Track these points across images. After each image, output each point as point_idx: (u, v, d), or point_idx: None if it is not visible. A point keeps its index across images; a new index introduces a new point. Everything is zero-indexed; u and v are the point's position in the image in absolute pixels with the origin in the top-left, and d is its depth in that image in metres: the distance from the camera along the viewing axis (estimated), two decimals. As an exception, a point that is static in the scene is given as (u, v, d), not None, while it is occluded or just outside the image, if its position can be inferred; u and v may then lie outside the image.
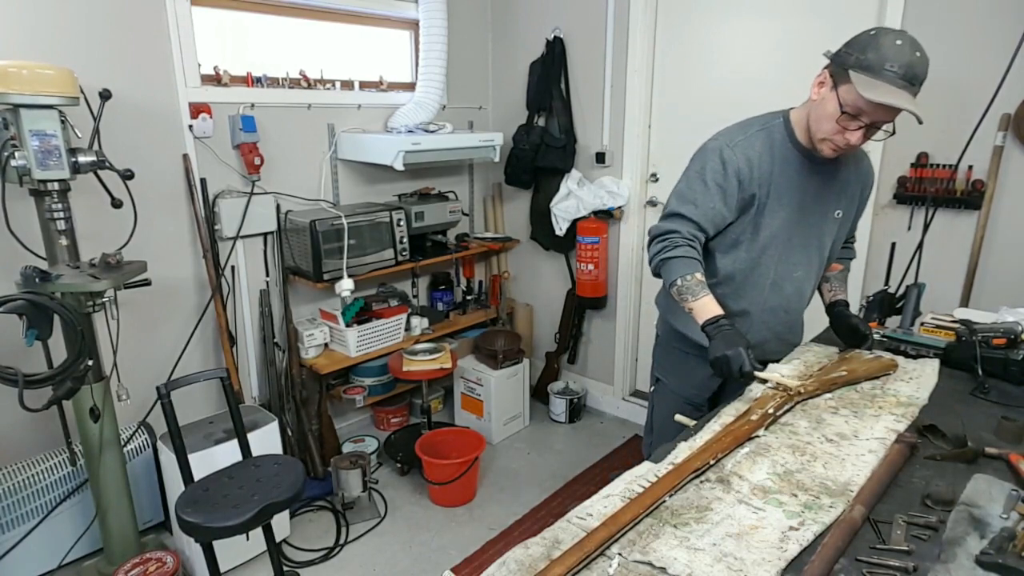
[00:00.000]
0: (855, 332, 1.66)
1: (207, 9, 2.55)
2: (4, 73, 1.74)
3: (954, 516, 0.97)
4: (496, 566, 0.90)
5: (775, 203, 1.51)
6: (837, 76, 1.36)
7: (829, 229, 1.60)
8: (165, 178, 2.47)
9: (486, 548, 2.46)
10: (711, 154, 1.50)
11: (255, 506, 1.75)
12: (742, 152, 1.48)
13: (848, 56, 1.33)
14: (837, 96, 1.35)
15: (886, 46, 1.28)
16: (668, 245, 1.49)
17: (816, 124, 1.43)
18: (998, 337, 1.49)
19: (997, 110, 2.10)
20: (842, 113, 1.35)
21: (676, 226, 1.50)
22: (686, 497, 1.05)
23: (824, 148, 1.44)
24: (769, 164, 1.49)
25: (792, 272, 1.59)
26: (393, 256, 2.95)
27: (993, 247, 2.27)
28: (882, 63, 1.28)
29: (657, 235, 1.53)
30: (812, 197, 1.54)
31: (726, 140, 1.51)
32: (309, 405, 2.89)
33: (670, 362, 1.80)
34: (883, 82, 1.28)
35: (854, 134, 1.37)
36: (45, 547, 2.23)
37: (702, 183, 1.49)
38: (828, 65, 1.41)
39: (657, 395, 1.86)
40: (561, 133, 3.29)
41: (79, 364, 1.91)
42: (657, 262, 1.51)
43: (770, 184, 1.49)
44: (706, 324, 1.42)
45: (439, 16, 2.97)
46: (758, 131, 1.51)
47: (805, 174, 1.51)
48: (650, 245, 1.55)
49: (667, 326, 1.78)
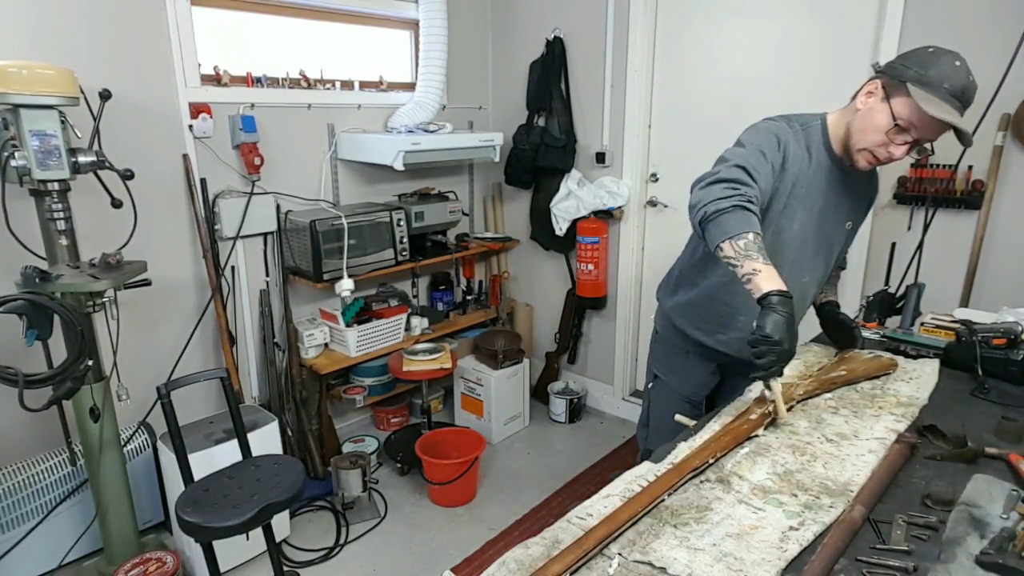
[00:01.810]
0: (841, 326, 1.66)
1: (207, 9, 2.55)
2: (4, 73, 1.74)
3: (954, 516, 0.97)
4: (496, 566, 0.90)
5: (799, 204, 1.47)
6: (890, 88, 1.34)
7: (839, 239, 1.59)
8: (165, 178, 2.47)
9: (486, 548, 2.46)
10: (766, 132, 1.43)
11: (255, 506, 1.75)
12: (792, 142, 1.44)
13: (906, 70, 1.31)
14: (890, 108, 1.33)
15: (946, 65, 1.28)
16: (742, 195, 1.26)
17: (860, 134, 1.40)
18: (998, 337, 1.49)
19: (997, 110, 2.10)
20: (894, 125, 1.33)
21: (748, 180, 1.31)
22: (686, 497, 1.05)
23: (861, 159, 1.42)
24: (806, 164, 1.46)
25: (801, 278, 1.56)
26: (393, 256, 2.95)
27: (993, 247, 2.27)
28: (941, 81, 1.27)
29: (727, 179, 1.30)
30: (832, 205, 1.51)
31: (779, 126, 1.46)
32: (309, 405, 2.89)
33: (669, 359, 1.77)
34: (939, 99, 1.27)
35: (899, 148, 1.36)
36: (45, 547, 2.23)
37: (759, 152, 1.39)
38: (877, 76, 1.38)
39: (654, 392, 1.83)
40: (561, 133, 3.29)
41: (79, 364, 1.91)
42: (726, 206, 1.24)
43: (800, 184, 1.45)
44: (775, 293, 1.20)
45: (439, 16, 2.97)
46: (800, 129, 1.47)
47: (831, 181, 1.49)
48: (708, 186, 1.31)
49: (667, 322, 1.74)
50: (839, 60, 2.51)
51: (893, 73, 1.34)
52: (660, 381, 1.80)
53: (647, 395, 1.86)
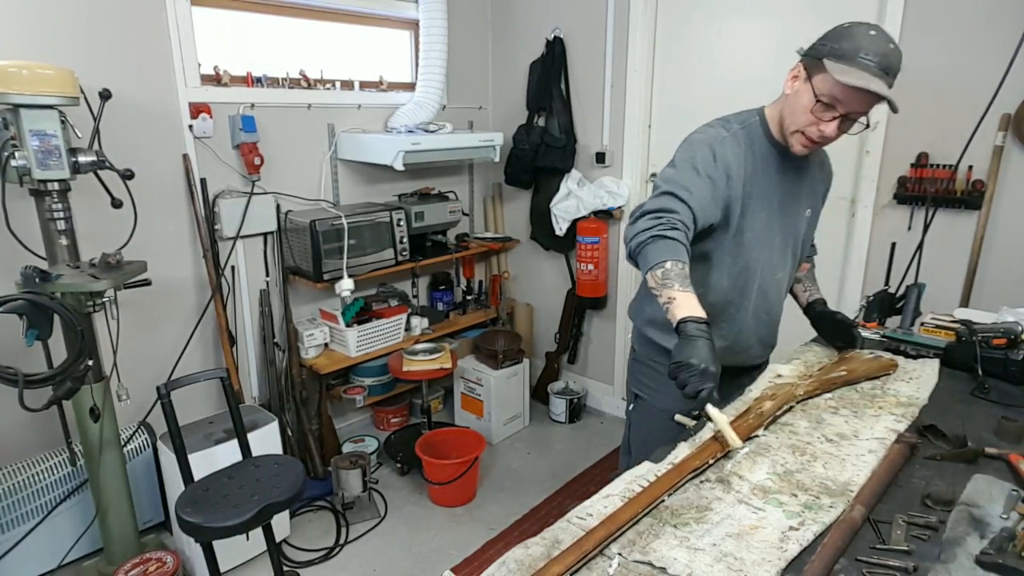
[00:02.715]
0: (839, 326, 1.64)
1: (207, 9, 2.55)
2: (4, 73, 1.74)
3: (954, 516, 0.97)
4: (496, 566, 0.90)
5: (757, 204, 1.45)
6: (811, 67, 1.34)
7: (801, 228, 1.57)
8: (165, 178, 2.47)
9: (486, 548, 2.46)
10: (700, 145, 1.42)
11: (255, 506, 1.75)
12: (729, 147, 1.42)
13: (822, 47, 1.32)
14: (812, 87, 1.33)
15: (860, 36, 1.28)
16: (664, 224, 1.29)
17: (790, 117, 1.40)
18: (998, 337, 1.49)
19: (997, 110, 2.10)
20: (817, 102, 1.32)
21: (674, 206, 1.33)
22: (686, 497, 1.05)
23: (795, 143, 1.41)
24: (751, 164, 1.44)
25: (774, 274, 1.55)
26: (393, 256, 2.95)
27: (993, 247, 2.27)
28: (857, 52, 1.27)
29: (651, 210, 1.33)
30: (789, 196, 1.50)
31: (713, 134, 1.44)
32: (309, 405, 2.89)
33: (650, 377, 1.66)
34: (857, 69, 1.26)
35: (828, 125, 1.34)
36: (45, 547, 2.23)
37: (693, 171, 1.38)
38: (801, 60, 1.39)
39: (636, 414, 1.72)
40: (561, 133, 3.29)
41: (79, 364, 1.91)
42: (645, 238, 1.29)
43: (752, 185, 1.44)
44: (686, 320, 1.22)
45: (439, 16, 2.97)
46: (739, 129, 1.46)
47: (782, 172, 1.48)
48: (638, 219, 1.34)
49: (644, 339, 1.66)
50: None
51: (812, 52, 1.35)
52: (642, 401, 1.70)
53: (628, 418, 1.76)
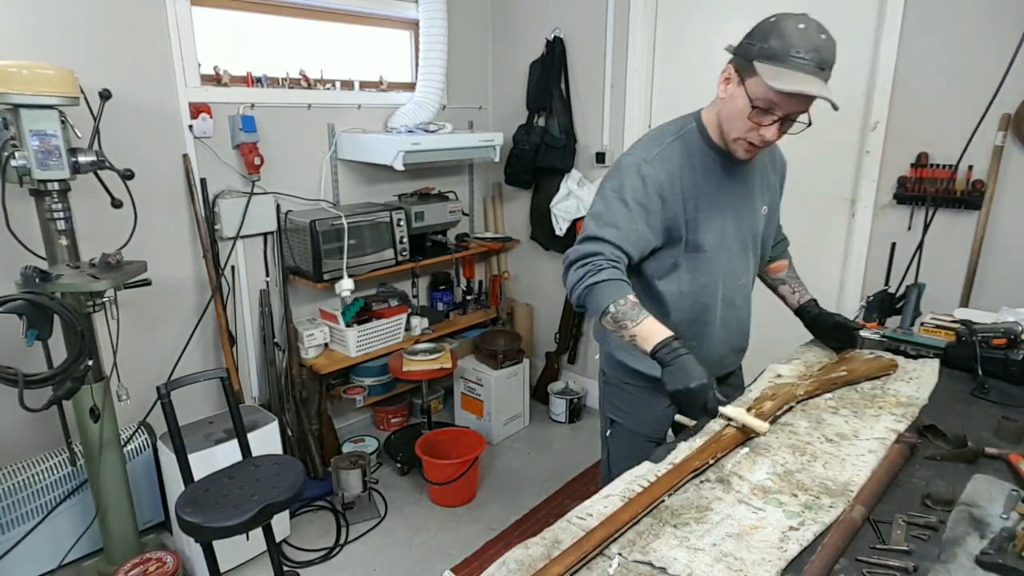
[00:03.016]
0: (840, 328, 1.62)
1: (207, 9, 2.55)
2: (4, 73, 1.74)
3: (954, 516, 0.97)
4: (496, 566, 0.90)
5: (707, 215, 1.40)
6: (743, 70, 1.28)
7: (760, 226, 1.53)
8: (165, 178, 2.47)
9: (486, 548, 2.46)
10: (628, 171, 1.37)
11: (255, 506, 1.75)
12: (660, 166, 1.36)
13: (751, 47, 1.25)
14: (745, 91, 1.27)
15: (789, 31, 1.21)
16: (591, 269, 1.31)
17: (728, 123, 1.34)
18: (998, 337, 1.49)
19: (997, 110, 2.10)
20: (753, 108, 1.26)
21: (597, 248, 1.33)
22: (686, 497, 1.05)
23: (738, 149, 1.35)
24: (692, 175, 1.38)
25: (737, 281, 1.51)
26: (393, 256, 2.95)
27: (993, 247, 2.27)
28: (788, 50, 1.20)
29: (576, 259, 1.35)
30: (740, 198, 1.46)
31: (642, 155, 1.38)
32: (309, 405, 2.89)
33: (623, 401, 1.62)
34: (791, 70, 1.20)
35: (769, 129, 1.28)
36: (45, 547, 2.23)
37: (621, 203, 1.35)
38: (731, 60, 1.31)
39: (613, 439, 1.67)
40: (561, 133, 3.29)
41: (79, 364, 1.91)
42: (581, 290, 1.32)
43: (697, 197, 1.39)
44: (658, 348, 1.24)
45: (439, 16, 2.97)
46: (673, 141, 1.40)
47: (729, 176, 1.42)
48: (567, 272, 1.37)
49: (613, 362, 1.61)
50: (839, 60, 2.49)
51: (741, 53, 1.28)
52: (618, 426, 1.65)
53: (605, 444, 1.71)
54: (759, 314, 1.67)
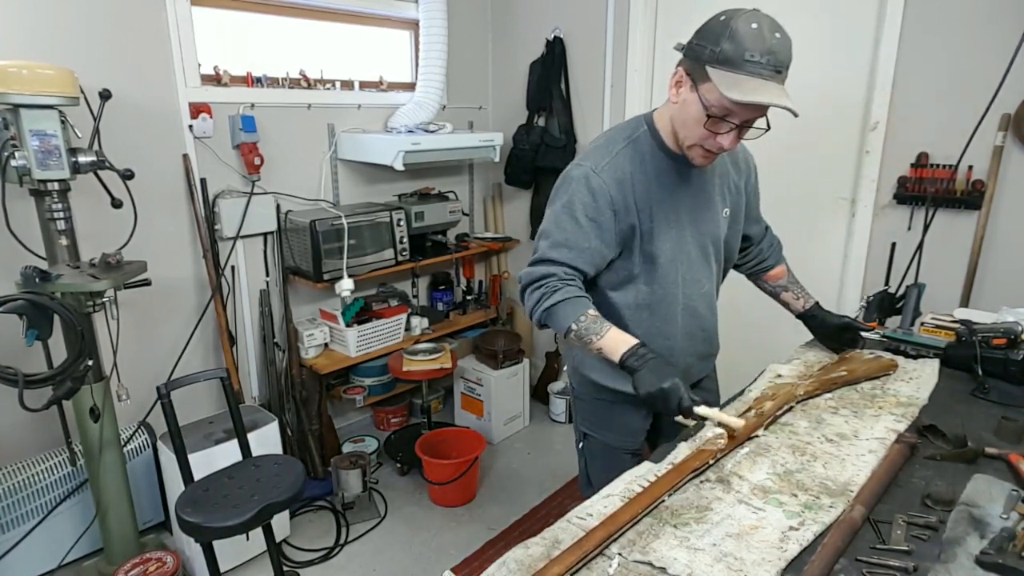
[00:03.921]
0: (847, 330, 1.60)
1: (207, 9, 2.55)
2: (4, 73, 1.74)
3: (954, 516, 0.97)
4: (496, 566, 0.90)
5: (663, 223, 1.35)
6: (695, 74, 1.20)
7: (722, 231, 1.47)
8: (165, 178, 2.47)
9: (486, 548, 2.46)
10: (577, 184, 1.32)
11: (255, 506, 1.75)
12: (611, 176, 1.31)
13: (702, 49, 1.16)
14: (699, 97, 1.19)
15: (742, 33, 1.12)
16: (547, 291, 1.29)
17: (682, 130, 1.27)
18: (998, 337, 1.49)
19: (997, 110, 2.10)
20: (708, 117, 1.19)
21: (550, 270, 1.31)
22: (686, 497, 1.05)
23: (695, 156, 1.29)
24: (644, 183, 1.33)
25: (699, 289, 1.46)
26: (393, 256, 2.95)
27: (993, 247, 2.27)
28: (741, 54, 1.12)
29: (530, 283, 1.33)
30: (697, 204, 1.40)
31: (591, 165, 1.32)
32: (309, 405, 2.89)
33: (595, 415, 1.59)
34: (746, 75, 1.12)
35: (726, 137, 1.22)
36: (45, 547, 2.23)
37: (572, 220, 1.30)
38: (682, 61, 1.24)
39: (589, 451, 1.63)
40: (561, 133, 3.29)
41: (79, 364, 1.91)
42: (540, 313, 1.30)
43: (651, 205, 1.33)
44: (625, 357, 1.23)
45: (439, 16, 2.97)
46: (624, 147, 1.34)
47: (684, 181, 1.36)
48: (524, 294, 1.35)
49: (581, 377, 1.57)
50: (839, 60, 2.50)
51: (692, 55, 1.20)
52: (591, 439, 1.61)
53: (581, 454, 1.67)
54: (758, 314, 1.67)
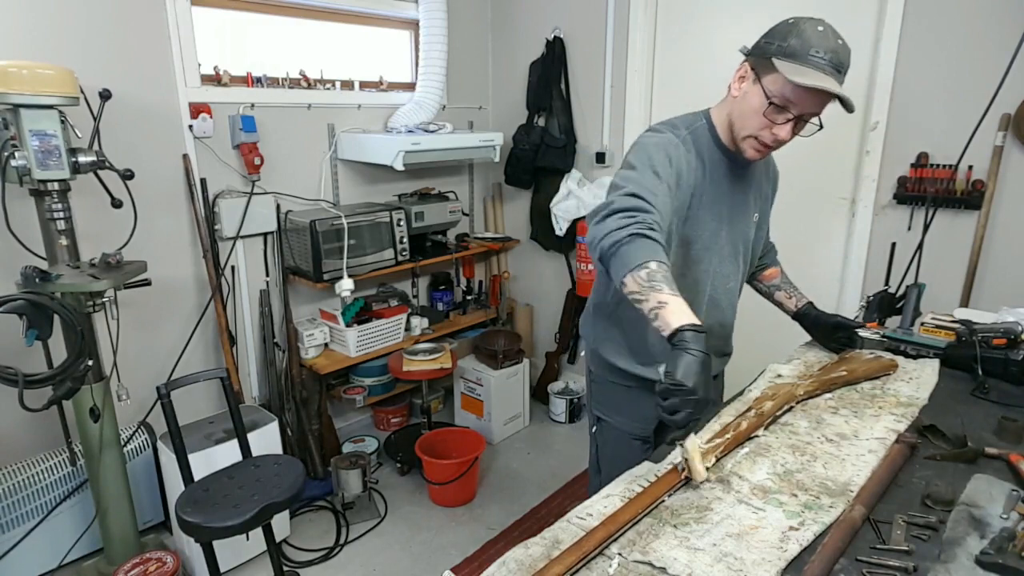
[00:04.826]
0: (840, 328, 1.62)
1: (207, 9, 2.55)
2: (4, 73, 1.74)
3: (954, 516, 0.97)
4: (496, 566, 0.90)
5: (705, 212, 1.39)
6: (759, 67, 1.28)
7: (751, 234, 1.52)
8: (165, 178, 2.47)
9: (486, 548, 2.46)
10: (655, 148, 1.32)
11: (255, 506, 1.75)
12: (682, 155, 1.35)
13: (769, 45, 1.26)
14: (762, 88, 1.27)
15: (809, 32, 1.22)
16: (640, 223, 1.14)
17: (740, 121, 1.33)
18: (998, 337, 1.49)
19: (997, 110, 2.10)
20: (769, 105, 1.26)
21: (646, 207, 1.18)
22: (686, 497, 1.05)
23: (748, 148, 1.34)
24: (700, 170, 1.37)
25: (725, 284, 1.49)
26: (393, 256, 2.95)
27: (993, 247, 2.27)
28: (807, 49, 1.21)
29: (621, 209, 1.17)
30: (738, 203, 1.45)
31: (667, 139, 1.35)
32: (309, 405, 2.89)
33: (610, 399, 1.61)
34: (810, 68, 1.21)
35: (783, 128, 1.28)
36: (45, 547, 2.23)
37: (655, 175, 1.27)
38: (747, 59, 1.33)
39: (600, 435, 1.65)
40: (561, 133, 3.29)
41: (79, 364, 1.91)
42: (622, 237, 1.12)
43: (702, 193, 1.37)
44: (686, 328, 1.04)
45: (439, 16, 2.97)
46: (687, 134, 1.39)
47: (730, 179, 1.42)
48: (603, 219, 1.18)
49: (599, 360, 1.58)
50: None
51: (758, 52, 1.29)
52: (604, 423, 1.63)
53: (593, 440, 1.69)
54: (759, 314, 1.67)
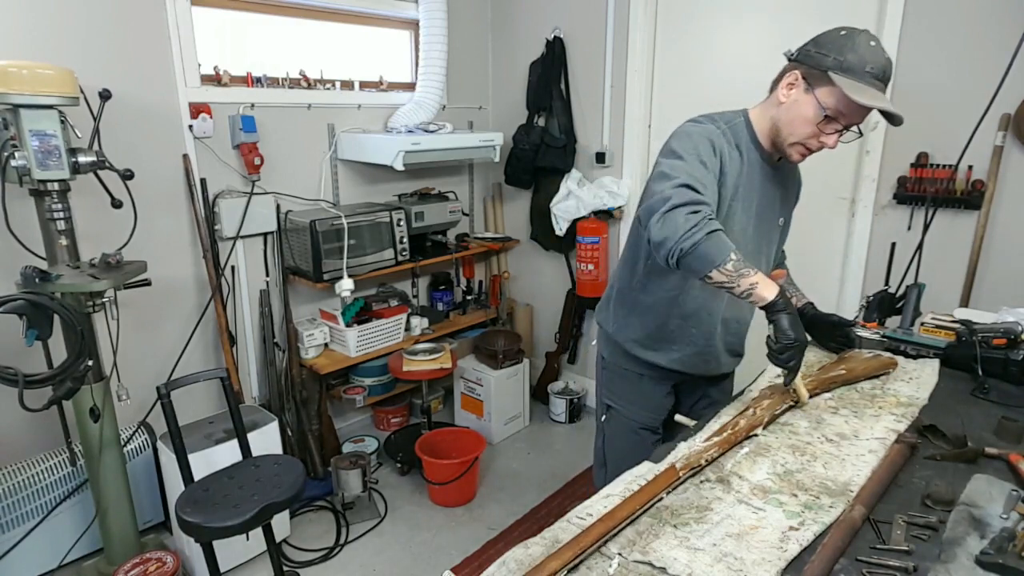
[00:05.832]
0: (838, 327, 1.64)
1: (207, 9, 2.55)
2: (4, 73, 1.74)
3: (954, 516, 0.97)
4: (496, 566, 0.90)
5: (738, 206, 1.42)
6: (812, 78, 1.32)
7: (775, 235, 1.56)
8: (165, 178, 2.47)
9: (486, 548, 2.46)
10: (700, 138, 1.35)
11: (255, 506, 1.75)
12: (725, 146, 1.38)
13: (824, 57, 1.29)
14: (815, 99, 1.31)
15: (862, 47, 1.27)
16: (706, 218, 1.21)
17: (789, 127, 1.37)
18: (998, 337, 1.49)
19: (997, 110, 2.10)
20: (824, 117, 1.31)
21: (703, 199, 1.24)
22: (686, 497, 1.05)
23: (794, 153, 1.39)
24: (739, 163, 1.41)
25: None
26: (393, 256, 2.95)
27: (993, 247, 2.27)
28: (863, 65, 1.26)
29: (682, 203, 1.22)
30: (767, 202, 1.48)
31: (710, 129, 1.38)
32: (309, 405, 2.89)
33: (621, 386, 1.64)
34: (866, 85, 1.26)
35: (831, 138, 1.34)
36: (45, 547, 2.23)
37: (702, 165, 1.31)
38: (795, 66, 1.35)
39: (609, 424, 1.68)
40: (561, 133, 3.29)
41: (79, 364, 1.91)
42: (700, 236, 1.19)
43: (738, 186, 1.40)
44: (780, 298, 1.22)
45: (439, 16, 2.97)
46: (727, 127, 1.42)
47: (764, 179, 1.45)
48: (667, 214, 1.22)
49: (613, 347, 1.62)
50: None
51: (811, 62, 1.32)
52: (614, 412, 1.66)
53: (601, 430, 1.72)
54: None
